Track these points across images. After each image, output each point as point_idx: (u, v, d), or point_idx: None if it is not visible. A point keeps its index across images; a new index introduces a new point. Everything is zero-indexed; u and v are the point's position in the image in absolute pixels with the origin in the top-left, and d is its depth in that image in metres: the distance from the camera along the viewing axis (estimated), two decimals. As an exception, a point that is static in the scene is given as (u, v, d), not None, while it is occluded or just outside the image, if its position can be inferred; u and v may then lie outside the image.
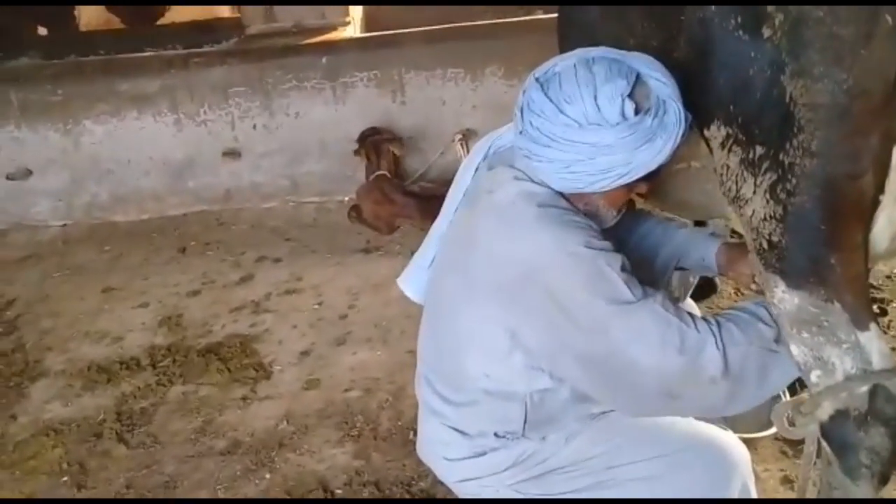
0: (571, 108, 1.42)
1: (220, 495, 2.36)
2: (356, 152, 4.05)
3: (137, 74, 4.28)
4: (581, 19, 2.05)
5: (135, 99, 4.28)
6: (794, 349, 1.48)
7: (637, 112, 1.41)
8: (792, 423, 1.57)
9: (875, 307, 2.74)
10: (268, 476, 2.41)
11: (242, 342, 3.12)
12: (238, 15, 4.96)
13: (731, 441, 1.74)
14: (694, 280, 2.04)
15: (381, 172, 3.93)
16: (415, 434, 2.46)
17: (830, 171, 1.27)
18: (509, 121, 4.44)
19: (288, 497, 2.31)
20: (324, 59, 4.24)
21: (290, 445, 2.52)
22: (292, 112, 4.31)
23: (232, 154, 4.39)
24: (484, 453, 1.75)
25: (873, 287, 2.90)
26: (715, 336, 1.47)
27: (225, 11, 5.92)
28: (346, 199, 4.35)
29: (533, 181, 1.57)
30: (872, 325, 1.39)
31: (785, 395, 2.09)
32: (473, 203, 1.67)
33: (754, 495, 1.73)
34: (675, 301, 1.94)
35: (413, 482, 2.32)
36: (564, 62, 1.50)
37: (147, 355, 3.09)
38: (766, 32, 1.24)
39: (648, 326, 1.46)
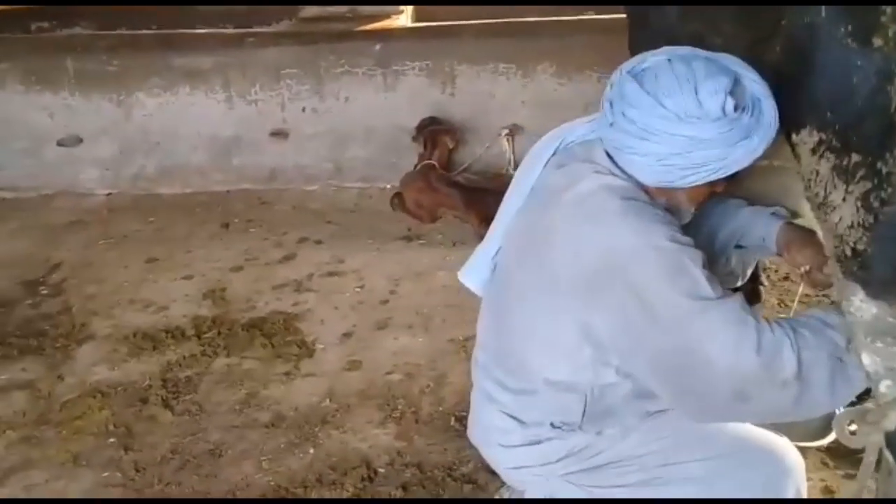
0: (671, 100, 1.44)
1: (265, 466, 2.40)
2: (414, 139, 4.07)
3: (192, 50, 4.34)
4: (658, 21, 2.06)
5: (188, 74, 4.33)
6: (865, 358, 1.48)
7: (736, 109, 1.42)
8: (853, 433, 1.58)
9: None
10: (311, 451, 2.44)
11: (286, 319, 3.16)
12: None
13: (786, 446, 1.75)
14: (754, 260, 2.03)
15: (430, 162, 3.95)
16: (456, 420, 2.52)
17: (929, 181, 1.27)
18: (558, 118, 4.44)
19: (331, 475, 2.33)
20: (377, 47, 4.27)
21: (333, 423, 2.55)
22: (342, 97, 4.35)
23: (279, 134, 4.43)
24: (539, 442, 1.77)
25: None
26: (790, 338, 1.47)
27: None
28: (388, 186, 4.37)
29: (614, 175, 1.59)
30: (951, 339, 1.39)
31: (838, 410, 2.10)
32: (549, 198, 1.66)
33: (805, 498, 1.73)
34: (735, 279, 1.95)
35: (455, 466, 2.34)
36: (656, 58, 1.52)
37: (192, 326, 3.13)
38: (877, 42, 1.24)
39: (727, 324, 1.46)
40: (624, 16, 3.25)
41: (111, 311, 3.28)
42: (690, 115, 1.44)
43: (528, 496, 1.92)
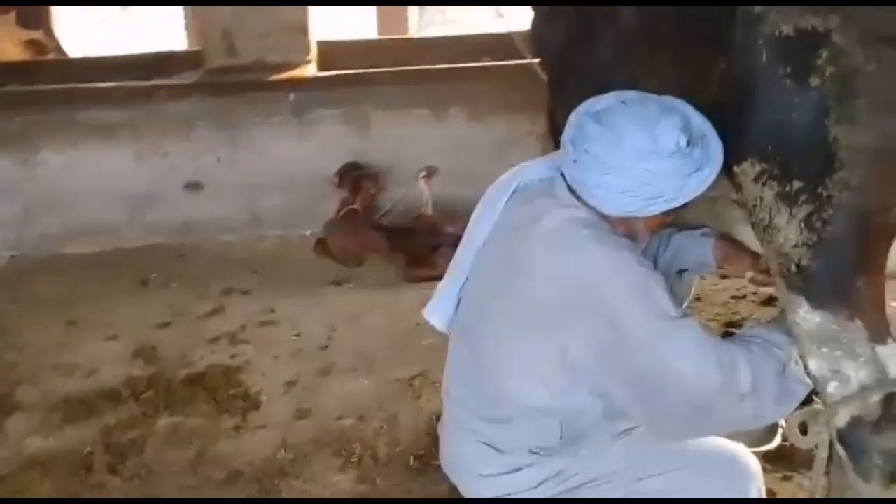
0: (630, 139, 1.57)
1: (229, 523, 2.36)
2: (338, 185, 4.11)
3: (98, 104, 4.23)
4: (589, 64, 2.20)
5: (95, 129, 4.23)
6: (812, 364, 1.65)
7: (688, 144, 1.57)
8: (804, 433, 1.75)
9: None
10: (274, 504, 2.42)
11: (225, 372, 3.11)
12: (198, 49, 4.96)
13: (746, 453, 1.89)
14: (694, 281, 2.20)
15: (354, 206, 4.01)
16: (415, 459, 2.57)
17: (865, 203, 1.45)
18: (472, 159, 4.66)
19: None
20: (291, 96, 4.31)
21: (293, 473, 2.54)
22: (257, 146, 4.35)
23: (193, 187, 4.38)
24: (519, 469, 1.84)
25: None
26: (744, 355, 1.63)
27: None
28: (309, 233, 4.39)
29: (578, 207, 1.71)
30: (889, 340, 1.58)
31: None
32: (519, 231, 1.76)
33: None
34: (681, 303, 2.11)
35: (422, 504, 2.37)
36: (608, 101, 1.66)
37: (127, 387, 3.03)
38: (814, 82, 1.42)
39: (691, 342, 1.60)
40: (525, 62, 3.44)
41: (36, 379, 3.14)
42: (648, 150, 1.58)
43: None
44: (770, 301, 3.44)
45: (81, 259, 4.27)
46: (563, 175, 1.75)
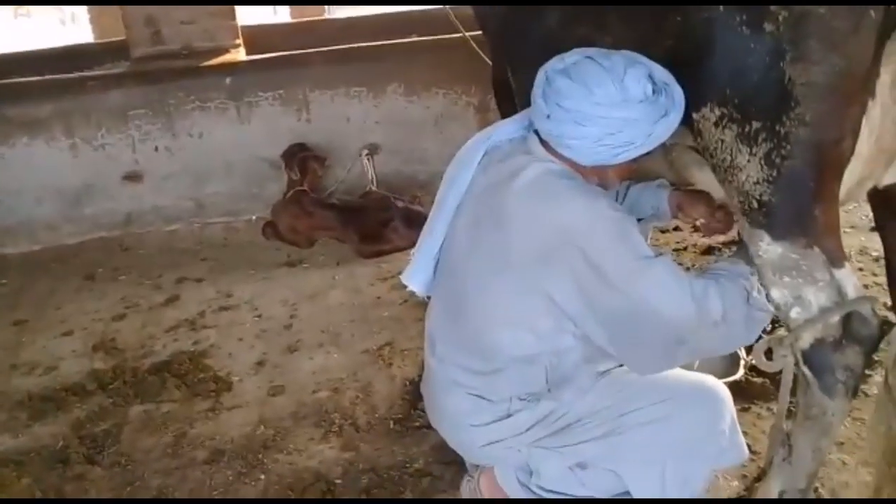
0: (601, 89, 1.67)
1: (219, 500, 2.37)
2: (285, 167, 4.10)
3: (28, 99, 4.10)
4: (538, 30, 2.28)
5: (25, 124, 4.10)
6: (774, 292, 1.79)
7: (654, 92, 1.67)
8: (769, 357, 1.89)
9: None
10: (262, 477, 2.44)
11: (191, 358, 3.10)
12: (121, 38, 4.84)
13: (715, 382, 2.03)
14: (650, 229, 2.33)
15: (302, 188, 4.01)
16: (395, 423, 2.63)
17: (820, 137, 1.58)
18: (411, 134, 4.79)
19: (291, 495, 2.35)
20: (227, 80, 4.27)
21: (275, 447, 2.56)
22: (195, 133, 4.30)
23: (133, 177, 4.30)
24: (509, 415, 1.94)
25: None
26: (714, 286, 1.75)
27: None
28: (255, 217, 4.39)
29: (552, 161, 1.80)
30: (846, 263, 1.73)
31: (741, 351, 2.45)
32: (496, 188, 1.84)
33: (737, 425, 2.02)
34: None
35: (407, 464, 2.43)
36: (574, 57, 1.75)
37: (92, 380, 2.99)
38: (769, 27, 1.54)
39: (666, 278, 1.72)
40: (456, 36, 3.50)
41: (-6, 380, 3.06)
42: (619, 100, 1.68)
43: (499, 472, 2.07)
44: (710, 251, 3.63)
45: (20, 258, 4.17)
46: (535, 132, 1.84)
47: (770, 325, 2.23)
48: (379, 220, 3.93)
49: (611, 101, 1.68)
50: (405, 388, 2.80)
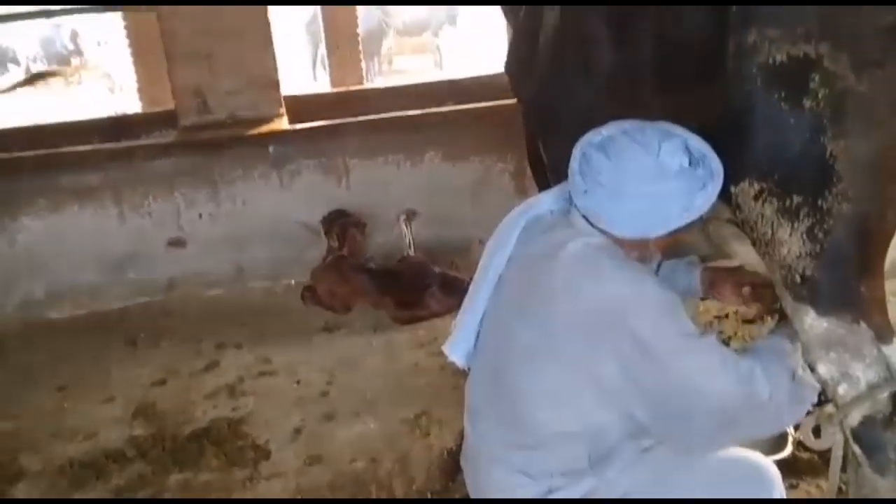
0: (636, 164, 1.68)
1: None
2: (325, 233, 4.16)
3: (79, 168, 4.25)
4: (566, 108, 2.30)
5: (76, 193, 4.24)
6: (821, 368, 1.75)
7: (690, 164, 1.68)
8: (818, 435, 1.85)
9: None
10: (299, 549, 2.42)
11: (230, 425, 3.11)
12: (171, 108, 5.00)
13: (765, 460, 1.98)
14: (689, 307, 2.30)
15: (340, 253, 4.06)
16: (433, 494, 2.58)
17: (863, 211, 1.57)
18: (450, 200, 4.79)
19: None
20: (271, 149, 4.38)
21: (313, 518, 2.55)
22: (239, 200, 4.40)
23: (176, 243, 4.40)
24: (551, 492, 1.89)
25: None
26: (760, 367, 1.72)
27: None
28: (293, 282, 4.44)
29: (594, 235, 1.80)
30: (894, 339, 1.69)
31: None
32: (539, 260, 1.83)
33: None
34: None
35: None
36: (609, 131, 1.76)
37: (132, 447, 3.01)
38: (808, 104, 1.55)
39: (711, 358, 1.69)
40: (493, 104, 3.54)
41: (36, 446, 3.10)
42: (654, 174, 1.69)
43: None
44: (752, 319, 3.57)
45: (64, 323, 4.25)
46: (574, 205, 1.85)
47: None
48: (416, 286, 3.95)
49: (646, 177, 1.68)
50: (443, 458, 2.77)
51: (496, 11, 3.21)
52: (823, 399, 2.01)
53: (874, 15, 1.51)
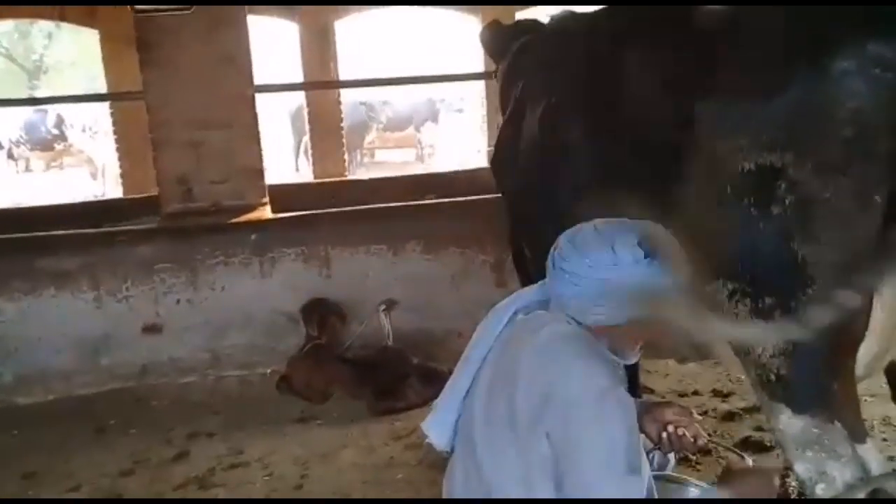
0: (593, 253, 1.75)
1: None
2: (305, 322, 4.15)
3: (57, 252, 4.25)
4: (545, 211, 2.38)
5: (53, 276, 4.21)
6: (799, 467, 1.77)
7: (647, 256, 1.73)
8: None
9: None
10: None
11: (199, 519, 3.03)
12: (154, 195, 5.05)
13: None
14: None
15: (318, 342, 4.05)
16: None
17: (835, 314, 1.61)
18: (430, 291, 4.85)
19: None
20: (253, 236, 4.41)
21: None
22: (218, 286, 4.40)
23: (152, 329, 4.36)
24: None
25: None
26: None
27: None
28: (269, 371, 4.40)
29: (567, 322, 1.84)
30: (868, 439, 1.71)
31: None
32: (513, 344, 1.87)
33: None
34: None
35: None
36: (585, 226, 1.85)
37: (96, 539, 2.91)
38: (776, 210, 1.62)
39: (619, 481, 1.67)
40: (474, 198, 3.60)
41: (-3, 537, 2.99)
42: (608, 262, 1.75)
43: None
44: (731, 417, 3.58)
45: (32, 408, 4.15)
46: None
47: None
48: (395, 377, 3.93)
49: (600, 265, 1.75)
50: (417, 555, 2.71)
51: (478, 107, 3.33)
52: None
53: (836, 125, 1.60)
